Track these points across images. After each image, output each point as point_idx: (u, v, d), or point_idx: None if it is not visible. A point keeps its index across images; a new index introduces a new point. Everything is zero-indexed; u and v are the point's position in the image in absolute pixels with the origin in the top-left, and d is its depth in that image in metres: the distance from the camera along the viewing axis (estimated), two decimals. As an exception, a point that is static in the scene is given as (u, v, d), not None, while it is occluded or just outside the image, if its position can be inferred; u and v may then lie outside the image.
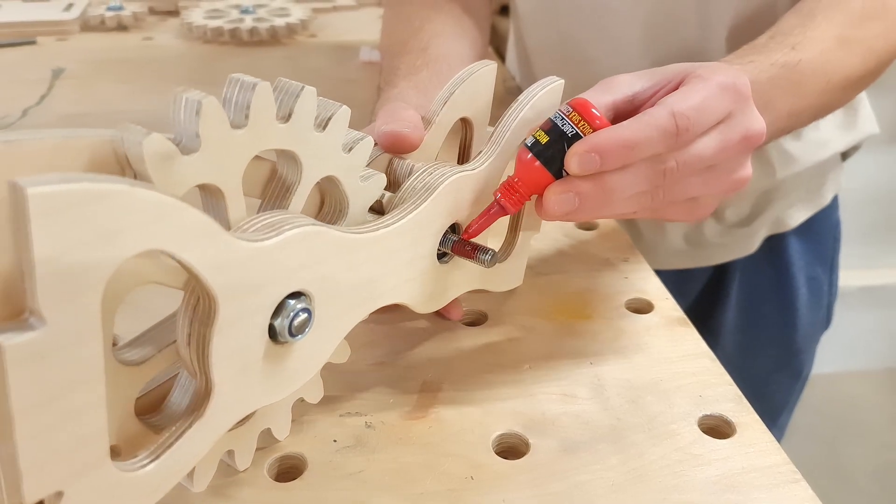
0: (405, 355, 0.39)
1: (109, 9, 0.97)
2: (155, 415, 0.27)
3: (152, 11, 1.04)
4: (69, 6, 1.00)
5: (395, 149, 0.36)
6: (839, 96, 0.49)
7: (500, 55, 0.92)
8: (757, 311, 0.72)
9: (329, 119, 0.29)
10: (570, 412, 0.35)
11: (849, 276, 1.57)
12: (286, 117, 0.27)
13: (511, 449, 0.34)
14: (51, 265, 0.19)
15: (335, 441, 0.34)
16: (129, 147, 0.23)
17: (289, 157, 0.29)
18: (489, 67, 0.38)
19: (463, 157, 0.41)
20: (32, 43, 0.91)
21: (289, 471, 0.32)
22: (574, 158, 0.32)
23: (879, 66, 0.50)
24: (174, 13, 1.04)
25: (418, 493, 0.31)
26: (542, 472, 0.32)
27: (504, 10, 0.94)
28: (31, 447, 0.20)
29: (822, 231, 0.72)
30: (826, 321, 0.77)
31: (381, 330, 0.41)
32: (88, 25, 0.96)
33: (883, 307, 1.62)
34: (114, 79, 0.79)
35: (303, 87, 0.27)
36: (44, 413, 0.20)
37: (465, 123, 0.39)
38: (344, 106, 0.29)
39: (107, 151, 0.24)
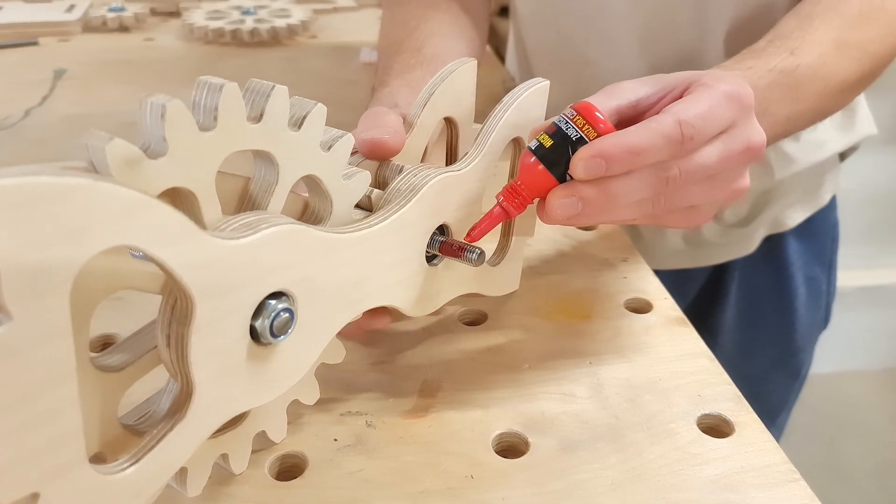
0: (405, 355, 0.39)
1: (111, 10, 0.97)
2: (140, 420, 0.27)
3: (154, 12, 1.04)
4: (71, 7, 1.00)
5: (375, 155, 0.36)
6: (837, 100, 0.49)
7: (500, 56, 0.92)
8: (756, 310, 0.72)
9: (304, 118, 0.28)
10: (570, 411, 0.35)
11: (847, 276, 1.57)
12: (258, 117, 0.27)
13: (511, 448, 0.34)
14: (15, 261, 0.19)
15: (336, 440, 0.34)
16: (93, 153, 0.23)
17: (264, 157, 0.28)
18: (469, 65, 0.38)
19: (450, 157, 0.40)
20: (34, 44, 0.91)
21: (289, 469, 0.32)
22: (580, 163, 0.32)
23: (876, 69, 0.50)
24: (175, 14, 1.04)
25: (418, 491, 0.31)
26: (542, 470, 0.32)
27: (504, 11, 0.95)
28: (4, 447, 0.20)
29: (820, 231, 0.72)
30: (824, 321, 0.77)
31: (381, 329, 0.41)
32: (90, 26, 0.96)
33: (881, 307, 1.62)
34: (115, 79, 0.79)
35: (273, 86, 0.27)
36: (15, 413, 0.20)
37: (449, 123, 0.39)
38: (319, 104, 0.29)
39: None
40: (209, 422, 0.27)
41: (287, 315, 0.27)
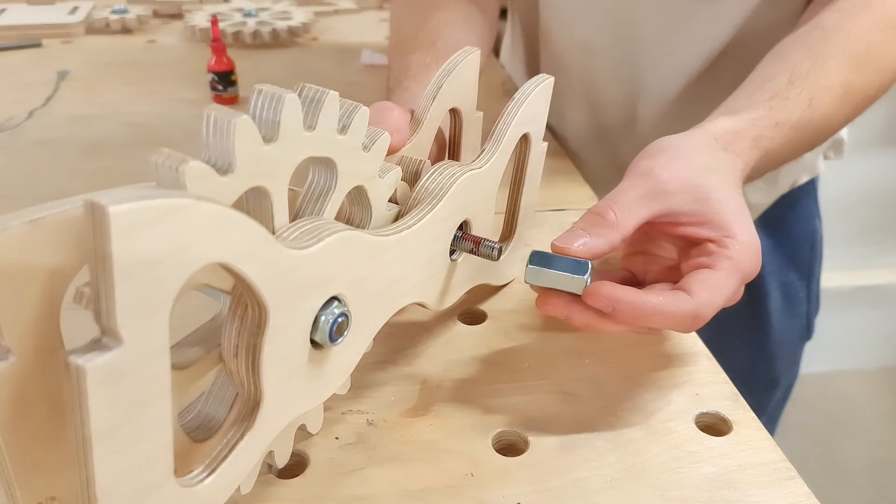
0: (406, 354, 0.39)
1: (114, 12, 0.97)
2: (187, 424, 0.27)
3: (156, 14, 1.04)
4: (74, 9, 1.00)
5: None
6: (825, 139, 0.48)
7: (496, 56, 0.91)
8: (726, 310, 0.70)
9: (350, 121, 0.29)
10: (569, 410, 0.35)
11: (842, 277, 1.57)
12: (313, 125, 0.27)
13: (510, 446, 0.34)
14: (129, 283, 0.18)
15: (337, 438, 0.34)
16: (164, 172, 0.22)
17: (323, 163, 0.29)
18: (473, 55, 0.38)
19: (454, 146, 0.41)
20: (38, 45, 0.91)
21: (292, 467, 0.32)
22: (592, 296, 0.33)
23: (862, 112, 0.49)
24: (178, 16, 1.04)
25: (419, 489, 0.31)
26: (541, 468, 0.32)
27: (502, 14, 0.94)
28: (106, 470, 0.20)
29: (796, 236, 0.70)
30: (806, 332, 0.75)
31: (383, 329, 0.41)
32: (93, 28, 0.96)
33: (876, 307, 1.62)
34: (118, 81, 0.79)
35: (327, 92, 0.27)
36: (118, 434, 0.20)
37: (453, 113, 0.40)
38: (362, 106, 0.29)
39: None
40: (275, 426, 0.27)
41: (343, 319, 0.28)
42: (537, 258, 0.34)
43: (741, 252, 0.35)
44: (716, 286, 0.34)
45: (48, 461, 0.23)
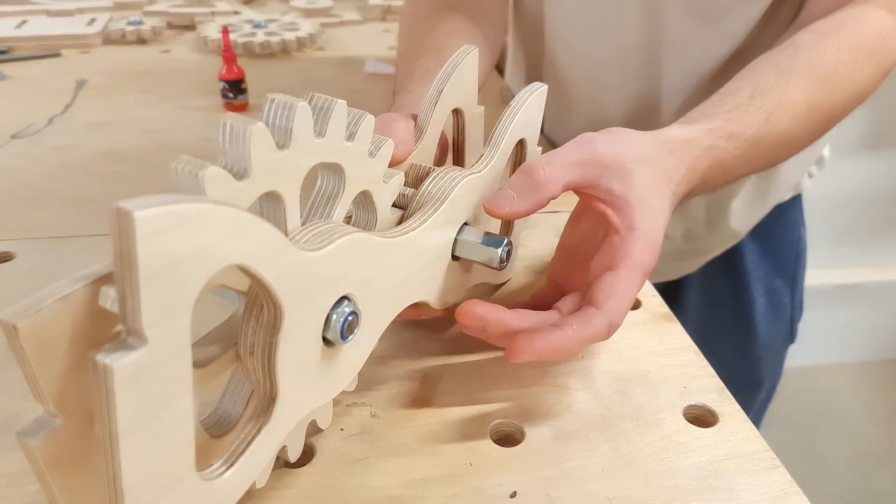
0: (408, 350, 0.39)
1: (130, 23, 0.97)
2: (207, 421, 0.27)
3: (170, 26, 1.04)
4: (92, 21, 1.00)
5: None
6: (787, 157, 0.47)
7: (499, 70, 0.91)
8: (715, 315, 0.71)
9: (357, 129, 0.29)
10: (563, 402, 0.35)
11: (825, 275, 1.58)
12: (323, 132, 0.27)
13: (507, 437, 0.34)
14: (153, 285, 0.18)
15: (342, 429, 0.34)
16: (183, 178, 0.22)
17: (331, 168, 0.29)
18: (471, 54, 0.38)
19: (457, 146, 0.41)
20: (57, 55, 0.91)
21: (300, 457, 0.32)
22: (515, 356, 0.31)
23: (826, 131, 0.47)
24: (191, 27, 1.04)
25: (420, 478, 0.31)
26: (537, 458, 0.32)
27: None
28: (132, 465, 0.20)
29: (782, 245, 0.70)
30: (790, 336, 0.75)
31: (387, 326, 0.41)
32: (110, 39, 0.96)
33: (857, 304, 1.62)
34: (134, 89, 0.79)
35: (335, 101, 0.27)
36: (143, 431, 0.20)
37: (456, 113, 0.40)
38: (368, 115, 0.29)
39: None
40: (290, 421, 0.27)
41: (354, 317, 0.28)
42: (464, 231, 0.36)
43: (641, 248, 0.34)
44: (620, 290, 0.33)
45: (98, 497, 0.23)
